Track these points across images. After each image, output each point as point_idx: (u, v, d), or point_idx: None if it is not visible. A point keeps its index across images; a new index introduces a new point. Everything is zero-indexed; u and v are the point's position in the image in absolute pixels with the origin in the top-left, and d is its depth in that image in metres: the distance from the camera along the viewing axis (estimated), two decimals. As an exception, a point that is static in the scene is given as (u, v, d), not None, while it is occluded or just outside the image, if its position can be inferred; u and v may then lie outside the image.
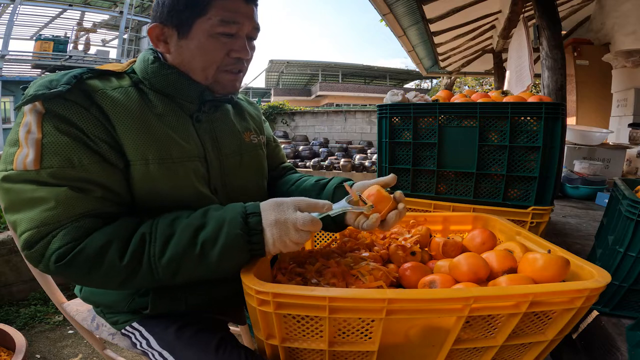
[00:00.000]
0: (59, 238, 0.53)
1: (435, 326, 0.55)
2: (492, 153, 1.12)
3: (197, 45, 0.65)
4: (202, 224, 0.58)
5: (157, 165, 0.62)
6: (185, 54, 0.67)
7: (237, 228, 0.56)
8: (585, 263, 0.59)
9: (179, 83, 0.68)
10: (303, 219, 0.56)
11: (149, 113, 0.64)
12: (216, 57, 0.67)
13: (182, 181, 0.65)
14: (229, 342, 0.67)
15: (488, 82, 12.04)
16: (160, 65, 0.67)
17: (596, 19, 3.60)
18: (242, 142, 0.79)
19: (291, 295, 0.51)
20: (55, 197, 0.53)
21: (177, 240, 0.56)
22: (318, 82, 23.47)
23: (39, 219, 0.53)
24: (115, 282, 0.57)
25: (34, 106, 0.55)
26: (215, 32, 0.64)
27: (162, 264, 0.55)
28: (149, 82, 0.67)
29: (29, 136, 0.54)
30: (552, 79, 2.09)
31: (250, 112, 0.88)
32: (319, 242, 0.96)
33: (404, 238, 0.85)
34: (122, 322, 0.74)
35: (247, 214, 0.58)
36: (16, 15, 9.75)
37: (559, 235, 1.36)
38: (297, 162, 7.84)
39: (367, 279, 0.66)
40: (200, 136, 0.71)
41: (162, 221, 0.58)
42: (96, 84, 0.61)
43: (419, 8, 3.28)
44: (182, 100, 0.69)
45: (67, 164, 0.55)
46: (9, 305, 1.93)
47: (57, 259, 0.53)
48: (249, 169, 0.80)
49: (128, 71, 0.69)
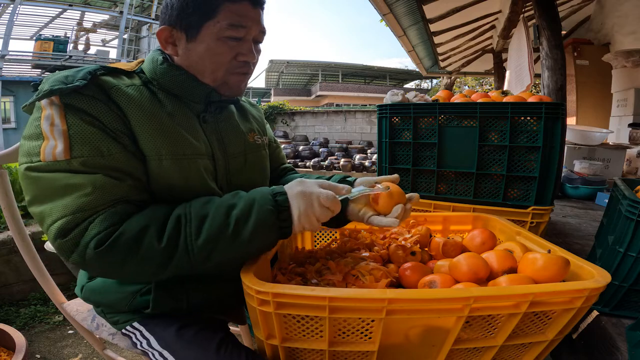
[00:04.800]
0: (97, 223, 0.53)
1: (435, 326, 0.55)
2: (492, 153, 1.12)
3: (205, 48, 0.66)
4: (234, 204, 0.59)
5: (170, 160, 0.64)
6: (194, 56, 0.67)
7: (268, 204, 0.58)
8: (585, 263, 0.59)
9: (187, 84, 0.68)
10: (327, 194, 0.59)
11: (160, 110, 0.65)
12: (224, 60, 0.67)
13: (194, 176, 0.66)
14: (229, 342, 0.67)
15: (488, 82, 12.04)
16: (169, 66, 0.68)
17: (596, 19, 3.61)
18: (247, 143, 0.80)
19: (291, 295, 0.51)
20: (92, 183, 0.54)
21: (211, 220, 0.57)
22: (318, 82, 23.48)
23: (75, 204, 0.53)
24: (151, 269, 0.56)
25: (51, 101, 0.56)
26: (223, 35, 0.65)
27: (199, 244, 0.56)
28: (157, 83, 0.68)
29: (54, 128, 0.55)
30: (552, 79, 2.09)
31: (253, 114, 0.89)
32: (319, 242, 0.96)
33: (404, 238, 0.85)
34: (122, 322, 0.74)
35: (275, 193, 0.60)
36: (16, 15, 9.75)
37: (559, 235, 1.36)
38: (297, 162, 7.84)
39: (367, 279, 0.66)
40: (207, 135, 0.72)
41: (195, 203, 0.60)
42: (110, 81, 0.61)
43: (419, 8, 3.29)
44: (189, 100, 0.70)
45: (97, 153, 0.56)
46: (9, 305, 1.93)
47: (96, 244, 0.52)
48: (253, 169, 0.81)
49: (137, 71, 0.69)
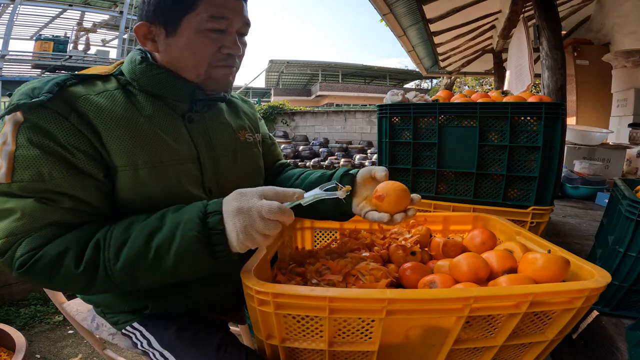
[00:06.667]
0: (22, 247, 0.54)
1: (435, 326, 0.55)
2: (492, 153, 1.12)
3: (186, 42, 0.63)
4: (158, 227, 0.55)
5: (147, 169, 0.61)
6: (174, 51, 0.65)
7: (193, 230, 0.53)
8: (585, 263, 0.59)
9: (169, 82, 0.66)
10: (269, 206, 0.52)
11: (137, 115, 0.63)
12: (206, 53, 0.65)
13: (172, 184, 0.64)
14: (230, 342, 0.67)
15: (488, 82, 12.04)
16: (148, 65, 0.65)
17: (596, 19, 3.61)
18: (237, 141, 0.78)
19: (291, 295, 0.51)
20: (21, 209, 0.54)
21: (130, 245, 0.54)
22: (318, 82, 23.50)
23: (8, 229, 0.54)
24: (77, 288, 0.57)
25: (14, 116, 0.55)
26: (204, 28, 0.63)
27: (117, 269, 0.54)
28: (137, 83, 0.66)
29: (3, 148, 0.54)
30: (552, 79, 2.09)
31: (244, 110, 0.86)
32: (319, 242, 0.96)
33: (404, 238, 0.85)
34: (122, 322, 0.74)
35: (207, 213, 0.54)
36: (16, 15, 9.74)
37: (559, 235, 1.36)
38: (297, 162, 7.85)
39: (367, 279, 0.66)
40: (192, 137, 0.69)
41: (118, 226, 0.56)
42: (79, 90, 0.59)
43: (419, 8, 3.29)
44: (173, 100, 0.67)
45: (37, 178, 0.54)
46: (9, 305, 1.93)
47: (19, 266, 0.54)
48: (244, 169, 0.78)
49: (115, 73, 0.67)
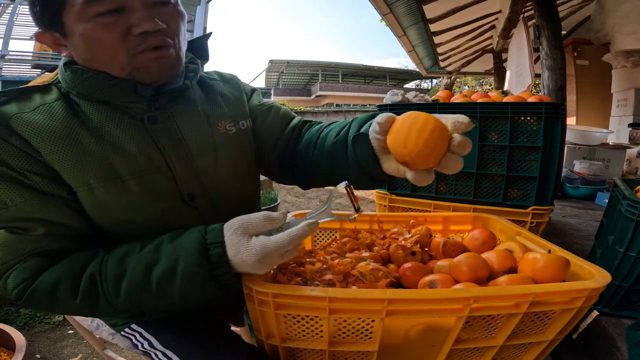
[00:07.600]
0: (12, 279, 0.52)
1: (435, 326, 0.55)
2: (492, 153, 1.12)
3: (82, 39, 0.54)
4: (155, 260, 0.51)
5: (103, 188, 0.55)
6: (80, 52, 0.56)
7: (194, 265, 0.49)
8: (585, 263, 0.59)
9: (104, 84, 0.56)
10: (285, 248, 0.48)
11: (80, 129, 0.55)
12: (111, 42, 0.53)
13: (140, 200, 0.57)
14: (231, 341, 0.67)
15: (488, 82, 12.04)
16: (74, 70, 0.56)
17: (596, 19, 3.61)
18: (216, 135, 0.66)
19: (291, 296, 0.51)
20: None
21: (129, 279, 0.51)
22: (318, 82, 23.52)
23: None
24: (83, 314, 0.57)
25: None
26: (88, 15, 0.52)
27: (120, 300, 0.52)
28: (76, 91, 0.57)
29: None
30: (552, 79, 2.09)
31: (225, 94, 0.72)
32: (319, 242, 0.96)
33: (404, 238, 0.85)
34: (120, 325, 0.73)
35: (207, 245, 0.49)
36: (16, 15, 9.72)
37: (559, 235, 1.36)
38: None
39: (367, 279, 0.66)
40: (157, 141, 0.59)
41: (111, 260, 0.52)
42: (10, 110, 0.53)
43: (419, 8, 3.29)
44: (124, 102, 0.58)
45: (1, 205, 0.51)
46: (9, 305, 1.93)
47: (17, 297, 0.53)
48: (230, 166, 0.68)
49: (55, 81, 0.59)
